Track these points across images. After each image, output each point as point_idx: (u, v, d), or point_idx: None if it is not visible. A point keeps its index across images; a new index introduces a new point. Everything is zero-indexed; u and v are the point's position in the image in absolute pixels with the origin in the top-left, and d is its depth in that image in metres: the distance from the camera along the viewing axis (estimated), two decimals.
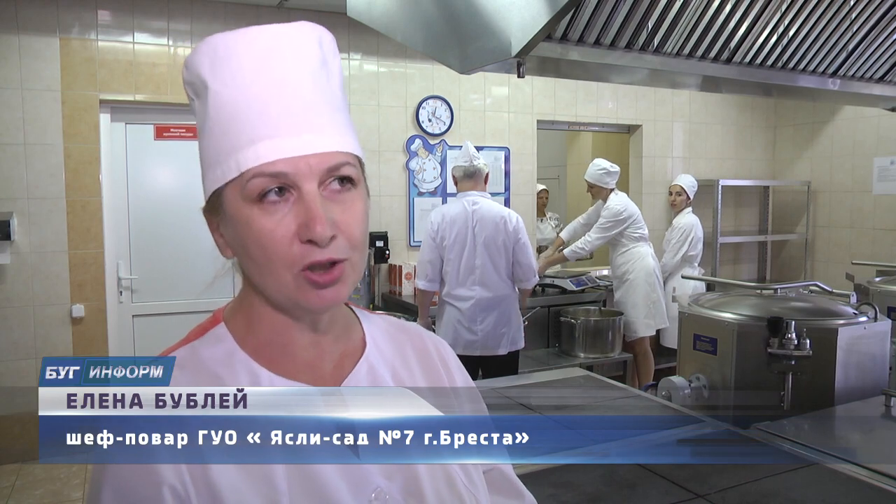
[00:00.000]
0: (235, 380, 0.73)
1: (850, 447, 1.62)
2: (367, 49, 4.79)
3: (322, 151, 0.69)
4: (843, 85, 2.23)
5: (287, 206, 0.69)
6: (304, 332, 0.77)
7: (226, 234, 0.75)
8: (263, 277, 0.71)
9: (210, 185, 0.73)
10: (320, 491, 0.70)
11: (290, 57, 0.71)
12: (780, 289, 2.16)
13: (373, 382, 0.79)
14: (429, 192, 5.03)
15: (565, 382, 2.25)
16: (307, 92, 0.71)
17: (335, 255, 0.69)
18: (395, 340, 0.86)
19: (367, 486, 0.73)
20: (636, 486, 1.44)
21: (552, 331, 4.69)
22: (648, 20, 1.77)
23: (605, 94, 5.62)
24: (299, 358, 0.77)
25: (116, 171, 4.35)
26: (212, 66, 0.71)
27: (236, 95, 0.70)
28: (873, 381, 1.97)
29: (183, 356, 0.75)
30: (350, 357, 0.80)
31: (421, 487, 0.76)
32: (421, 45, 1.79)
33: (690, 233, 5.04)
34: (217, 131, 0.71)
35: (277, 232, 0.68)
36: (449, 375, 0.88)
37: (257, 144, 0.68)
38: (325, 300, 0.71)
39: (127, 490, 0.66)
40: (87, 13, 4.11)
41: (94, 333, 4.24)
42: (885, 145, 5.63)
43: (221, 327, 0.78)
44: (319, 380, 0.76)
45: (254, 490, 0.68)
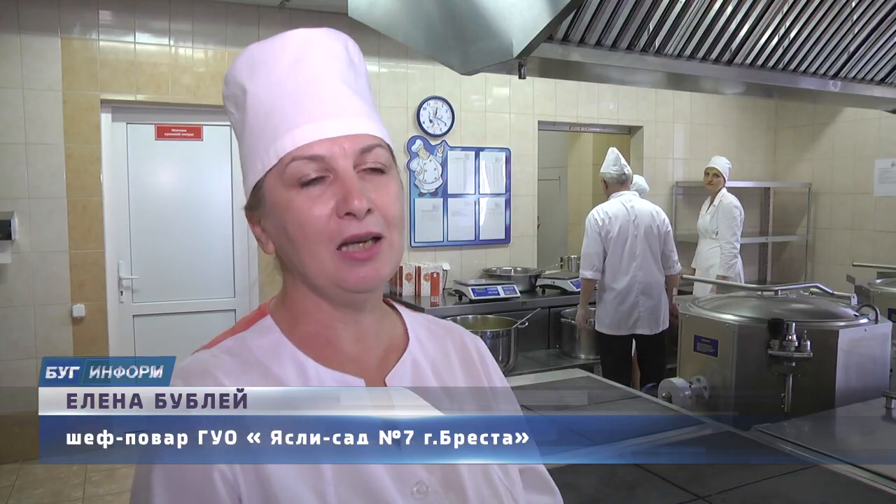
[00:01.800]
0: (283, 370, 0.74)
1: (850, 449, 1.62)
2: (368, 50, 4.79)
3: (355, 133, 0.73)
4: (844, 87, 2.23)
5: (324, 187, 0.72)
6: (347, 326, 0.78)
7: (267, 226, 0.77)
8: (304, 259, 0.73)
9: (251, 179, 0.76)
10: (365, 480, 0.71)
11: (320, 56, 0.76)
12: (781, 290, 2.16)
13: (416, 377, 0.81)
14: (430, 193, 5.03)
15: (566, 383, 2.25)
16: (337, 84, 0.75)
17: (374, 229, 0.72)
18: (436, 337, 0.88)
19: (411, 478, 0.74)
20: (636, 487, 1.44)
21: (553, 332, 4.69)
22: (650, 22, 1.77)
23: (606, 96, 5.62)
24: (345, 351, 0.78)
25: (117, 171, 4.36)
26: (250, 72, 0.76)
27: (273, 92, 0.74)
28: (874, 383, 1.97)
29: (232, 345, 0.76)
30: (394, 352, 0.82)
31: (461, 480, 0.77)
32: (422, 45, 1.79)
33: (737, 210, 5.01)
34: (256, 129, 0.75)
35: (315, 209, 0.71)
36: (487, 374, 0.89)
37: (294, 131, 0.72)
38: (363, 278, 0.72)
39: (178, 478, 0.67)
40: (89, 13, 4.11)
41: (94, 333, 4.24)
42: (885, 147, 5.63)
43: (268, 319, 0.79)
44: (364, 373, 0.78)
45: (300, 478, 0.69)
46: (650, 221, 4.02)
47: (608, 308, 4.02)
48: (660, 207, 4.21)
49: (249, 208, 0.78)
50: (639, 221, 4.01)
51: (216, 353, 0.75)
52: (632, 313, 3.97)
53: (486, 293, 4.51)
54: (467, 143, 5.14)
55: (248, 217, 0.79)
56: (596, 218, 4.04)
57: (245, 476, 0.68)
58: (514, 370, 4.14)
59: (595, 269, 4.02)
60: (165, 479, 0.67)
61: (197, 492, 0.66)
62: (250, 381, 0.72)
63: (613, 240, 3.98)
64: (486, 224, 5.24)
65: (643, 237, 3.99)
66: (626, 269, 3.98)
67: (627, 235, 3.99)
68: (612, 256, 4.00)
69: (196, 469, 0.67)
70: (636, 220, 4.00)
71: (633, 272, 3.98)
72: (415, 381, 0.81)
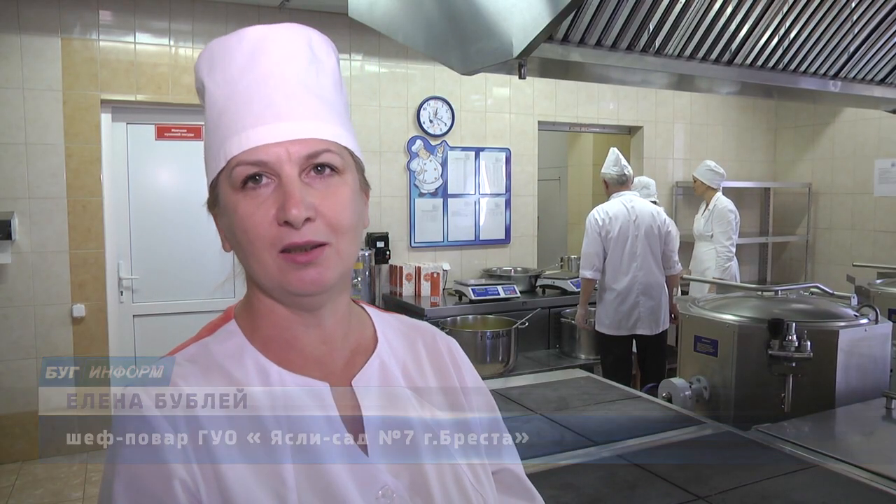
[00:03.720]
0: (245, 375, 0.73)
1: (850, 449, 1.61)
2: (368, 50, 4.80)
3: (301, 138, 0.71)
4: (845, 87, 2.23)
5: (268, 191, 0.71)
6: (309, 329, 0.77)
7: (222, 226, 0.77)
8: (250, 263, 0.73)
9: (209, 178, 0.76)
10: (327, 486, 0.70)
11: (276, 53, 0.73)
12: (781, 290, 2.16)
13: (383, 379, 0.80)
14: (430, 193, 5.03)
15: (566, 383, 2.25)
16: (291, 85, 0.73)
17: (312, 238, 0.70)
18: (407, 339, 0.87)
19: (375, 484, 0.73)
20: (636, 487, 1.44)
21: (552, 332, 4.69)
22: (650, 22, 1.77)
23: (606, 96, 5.62)
24: (308, 354, 0.77)
25: (117, 171, 4.36)
26: (209, 68, 0.75)
27: (226, 92, 0.73)
28: (874, 383, 1.97)
29: (194, 352, 0.75)
30: (361, 354, 0.81)
31: (428, 486, 0.76)
32: (422, 45, 1.79)
33: (731, 214, 5.01)
34: (211, 128, 0.75)
35: (257, 215, 0.70)
36: (459, 374, 0.88)
37: (240, 134, 0.71)
38: (306, 281, 0.71)
39: (138, 484, 0.67)
40: (89, 13, 4.11)
41: (94, 333, 4.24)
42: (886, 147, 5.63)
43: (232, 323, 0.78)
44: (330, 375, 0.77)
45: (262, 484, 0.68)
46: (651, 222, 4.03)
47: (608, 308, 4.03)
48: (661, 208, 4.23)
49: (209, 206, 0.78)
50: (639, 222, 4.02)
51: (178, 361, 0.74)
52: (632, 314, 3.99)
53: (486, 293, 4.51)
54: (467, 143, 5.14)
55: (212, 215, 0.79)
56: (596, 218, 4.05)
57: (206, 483, 0.67)
58: (514, 370, 4.14)
59: (595, 268, 4.03)
60: (126, 487, 0.67)
61: (156, 499, 0.66)
62: (213, 387, 0.72)
63: (614, 240, 4.00)
64: (486, 224, 5.25)
65: (644, 237, 4.00)
66: (627, 269, 4.00)
67: (628, 235, 4.00)
68: (612, 256, 4.02)
69: (155, 476, 0.66)
70: (637, 221, 4.02)
71: (634, 272, 3.99)
72: (382, 382, 0.79)
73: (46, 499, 3.63)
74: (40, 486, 3.78)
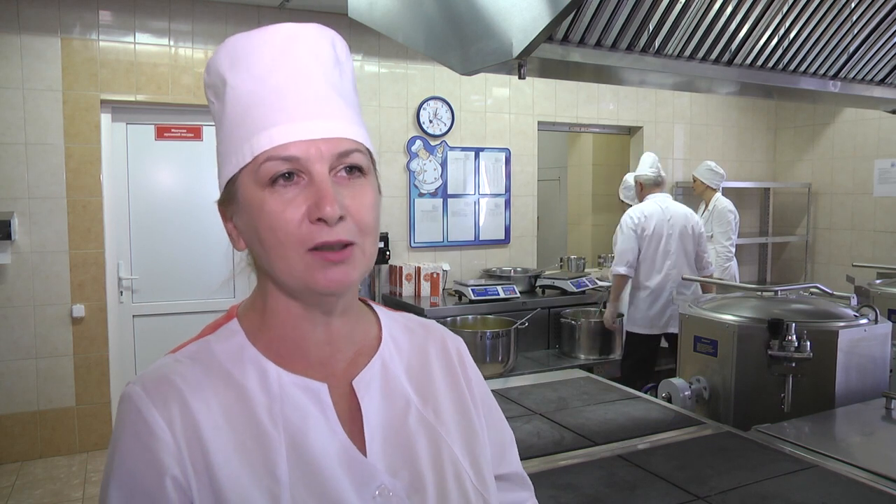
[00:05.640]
0: (244, 375, 0.73)
1: (850, 449, 1.61)
2: (368, 50, 4.80)
3: (333, 136, 0.71)
4: (844, 87, 2.23)
5: (298, 189, 0.70)
6: (316, 328, 0.76)
7: (238, 223, 0.76)
8: (273, 262, 0.72)
9: (225, 174, 0.75)
10: (322, 484, 0.70)
11: (305, 53, 0.74)
12: (781, 291, 2.16)
13: (385, 379, 0.79)
14: (429, 194, 5.03)
15: (565, 384, 2.25)
16: (320, 84, 0.73)
17: (344, 237, 0.70)
18: (415, 338, 0.87)
19: (371, 483, 0.73)
20: (636, 487, 1.44)
21: (552, 332, 4.69)
22: (650, 22, 1.77)
23: (606, 96, 5.62)
24: (311, 354, 0.77)
25: (117, 172, 4.36)
26: (231, 64, 0.74)
27: (253, 87, 0.72)
28: (874, 384, 1.97)
29: (196, 350, 0.75)
30: (365, 355, 0.80)
31: (425, 485, 0.75)
32: (422, 46, 1.79)
33: (731, 214, 5.03)
34: (234, 123, 0.73)
35: (287, 213, 0.69)
36: (466, 376, 0.88)
37: (270, 129, 0.70)
38: (332, 280, 0.71)
39: (132, 480, 0.67)
40: (89, 13, 4.11)
41: (94, 333, 4.24)
42: (885, 147, 5.63)
43: (234, 323, 0.78)
44: (331, 376, 0.76)
45: (255, 482, 0.68)
46: (684, 222, 4.12)
47: (641, 307, 4.10)
48: (692, 210, 4.31)
49: (222, 203, 0.77)
50: (673, 221, 4.10)
51: (179, 359, 0.74)
52: (665, 311, 4.05)
53: (485, 293, 4.51)
54: (467, 143, 5.14)
55: (221, 212, 0.78)
56: (632, 216, 4.12)
57: (198, 481, 0.67)
58: (514, 370, 4.14)
59: (629, 265, 4.07)
60: (119, 482, 0.68)
61: (148, 496, 0.66)
62: (212, 386, 0.71)
63: (648, 237, 4.07)
64: (486, 224, 5.25)
65: (678, 237, 4.09)
66: (660, 266, 4.08)
67: (662, 234, 4.07)
68: (646, 254, 4.08)
69: (148, 472, 0.67)
70: (671, 220, 4.09)
71: (667, 270, 4.07)
72: (384, 383, 0.79)
73: (46, 499, 3.63)
74: (40, 486, 3.78)
